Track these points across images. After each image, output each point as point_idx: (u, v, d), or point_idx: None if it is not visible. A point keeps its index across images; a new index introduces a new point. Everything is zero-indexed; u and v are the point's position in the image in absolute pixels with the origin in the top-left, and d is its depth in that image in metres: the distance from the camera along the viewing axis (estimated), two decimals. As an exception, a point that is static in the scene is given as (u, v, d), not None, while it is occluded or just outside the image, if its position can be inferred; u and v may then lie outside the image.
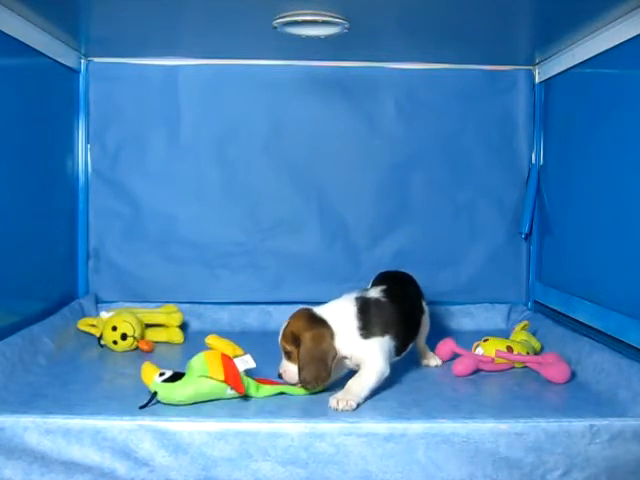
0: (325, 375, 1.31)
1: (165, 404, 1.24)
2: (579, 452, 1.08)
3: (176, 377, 1.26)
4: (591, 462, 1.08)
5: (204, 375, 1.25)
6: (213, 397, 1.26)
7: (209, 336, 1.50)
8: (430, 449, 1.07)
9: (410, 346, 1.47)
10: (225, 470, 1.07)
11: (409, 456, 1.07)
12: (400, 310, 1.41)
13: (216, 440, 1.07)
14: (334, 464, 1.07)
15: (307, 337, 1.31)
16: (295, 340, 1.32)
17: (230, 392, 1.26)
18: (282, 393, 1.33)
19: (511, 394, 1.37)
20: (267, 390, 1.32)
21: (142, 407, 1.21)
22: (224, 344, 1.47)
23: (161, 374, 1.27)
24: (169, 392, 1.24)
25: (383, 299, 1.41)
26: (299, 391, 1.33)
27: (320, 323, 1.34)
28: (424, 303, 1.57)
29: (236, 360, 1.30)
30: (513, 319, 1.96)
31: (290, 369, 1.34)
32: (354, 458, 1.07)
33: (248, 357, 1.33)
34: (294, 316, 1.36)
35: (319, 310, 1.37)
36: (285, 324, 1.36)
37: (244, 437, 1.07)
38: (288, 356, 1.34)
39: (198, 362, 1.27)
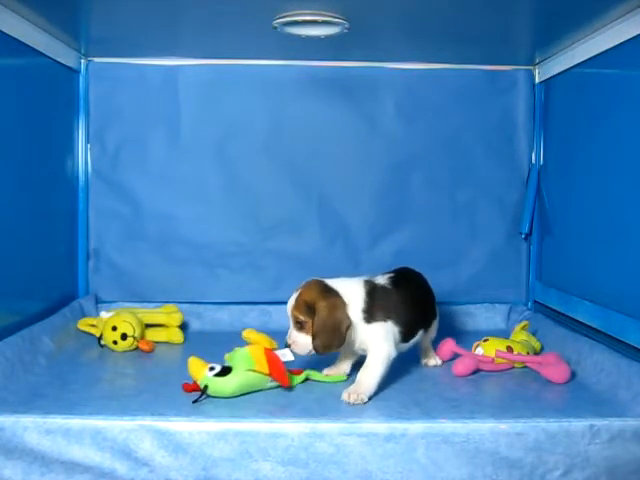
0: (338, 343, 1.33)
1: (215, 397, 1.28)
2: (579, 452, 1.08)
3: (226, 371, 1.30)
4: (591, 462, 1.08)
5: (250, 369, 1.30)
6: (255, 388, 1.32)
7: (246, 330, 1.49)
8: (430, 449, 1.07)
9: (419, 335, 1.47)
10: (225, 470, 1.07)
11: (409, 456, 1.07)
12: (404, 296, 1.41)
13: (216, 440, 1.07)
14: (334, 464, 1.07)
15: (322, 305, 1.32)
16: (309, 309, 1.33)
17: (270, 383, 1.32)
18: (307, 379, 1.40)
19: (511, 394, 1.37)
20: (297, 379, 1.39)
21: (195, 402, 1.24)
22: (261, 337, 1.47)
23: (211, 368, 1.30)
24: (221, 386, 1.28)
25: (388, 286, 1.42)
26: (320, 377, 1.41)
27: (334, 293, 1.35)
28: (436, 306, 1.56)
29: (277, 353, 1.35)
30: (513, 319, 1.96)
31: (301, 340, 1.34)
32: (354, 458, 1.07)
33: (287, 351, 1.36)
34: (306, 286, 1.37)
35: (330, 282, 1.38)
36: (297, 294, 1.36)
37: (244, 437, 1.07)
38: (300, 326, 1.34)
39: (243, 356, 1.32)
